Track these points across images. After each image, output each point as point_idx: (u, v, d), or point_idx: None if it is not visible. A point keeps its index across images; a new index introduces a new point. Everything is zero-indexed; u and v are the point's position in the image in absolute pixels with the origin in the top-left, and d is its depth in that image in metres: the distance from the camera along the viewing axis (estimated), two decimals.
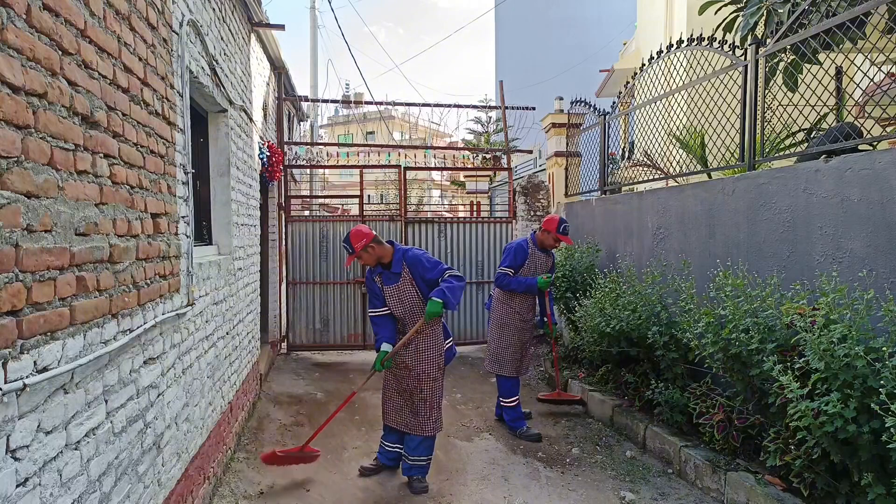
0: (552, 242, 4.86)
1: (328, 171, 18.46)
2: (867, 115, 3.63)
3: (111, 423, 2.12)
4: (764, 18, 4.51)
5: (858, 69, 3.57)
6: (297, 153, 10.22)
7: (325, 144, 12.57)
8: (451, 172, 19.14)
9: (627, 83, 6.13)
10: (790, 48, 3.91)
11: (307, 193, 11.51)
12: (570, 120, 7.61)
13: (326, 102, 9.72)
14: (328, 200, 16.62)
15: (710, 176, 5.12)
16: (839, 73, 4.16)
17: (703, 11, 5.20)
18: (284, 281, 7.59)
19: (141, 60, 2.45)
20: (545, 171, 8.67)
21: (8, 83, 1.48)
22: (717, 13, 5.19)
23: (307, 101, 9.10)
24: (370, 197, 23.78)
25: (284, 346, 7.66)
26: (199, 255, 3.66)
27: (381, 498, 3.73)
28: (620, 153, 6.57)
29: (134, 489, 2.32)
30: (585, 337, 5.24)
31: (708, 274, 4.14)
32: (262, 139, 6.09)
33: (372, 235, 3.68)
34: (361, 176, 7.94)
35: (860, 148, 3.32)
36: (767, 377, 3.17)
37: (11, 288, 1.49)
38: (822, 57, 3.74)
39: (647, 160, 5.79)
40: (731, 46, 4.38)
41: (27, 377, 1.53)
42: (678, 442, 3.98)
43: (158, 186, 2.66)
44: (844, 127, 3.41)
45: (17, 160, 1.52)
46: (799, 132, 4.42)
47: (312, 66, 14.87)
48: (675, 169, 5.45)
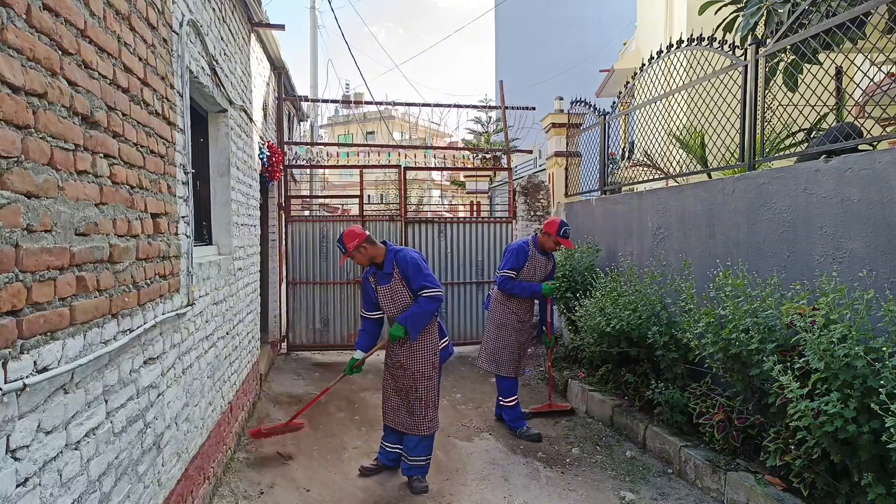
0: (552, 245, 4.85)
1: (328, 171, 18.46)
2: (867, 115, 3.63)
3: (111, 423, 2.12)
4: (764, 18, 4.52)
5: (858, 69, 3.57)
6: (297, 153, 10.22)
7: (325, 144, 12.56)
8: (451, 172, 19.15)
9: (627, 83, 6.13)
10: (790, 48, 3.91)
11: (307, 193, 11.51)
12: (570, 120, 7.61)
13: (326, 102, 9.73)
14: (328, 200, 16.62)
15: (710, 176, 5.12)
16: (839, 73, 4.16)
17: (703, 11, 5.21)
18: (284, 281, 7.60)
19: (141, 60, 2.45)
20: (545, 171, 8.66)
21: (8, 83, 1.48)
22: (717, 13, 5.19)
23: (307, 101, 9.10)
24: (370, 197, 23.78)
25: (284, 346, 7.66)
26: (199, 255, 3.66)
27: (381, 498, 3.73)
28: (620, 153, 6.57)
29: (134, 489, 2.32)
30: (585, 337, 5.24)
31: (708, 274, 4.14)
32: (262, 139, 6.09)
33: (364, 236, 3.74)
34: (361, 176, 7.94)
35: (860, 148, 3.32)
36: (767, 377, 3.17)
37: (11, 288, 1.49)
38: (822, 57, 3.74)
39: (647, 160, 5.78)
40: (731, 46, 4.38)
41: (27, 377, 1.53)
42: (678, 442, 3.98)
43: (158, 186, 2.66)
44: (844, 127, 3.41)
45: (17, 160, 1.52)
46: (799, 132, 4.42)
47: (312, 66, 14.87)
48: (675, 169, 5.45)
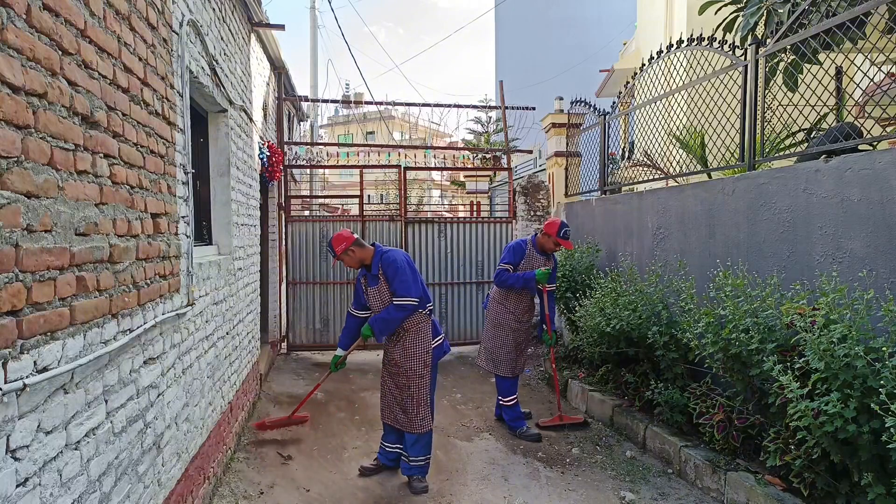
0: (552, 246, 4.85)
1: (328, 171, 18.46)
2: (867, 115, 3.63)
3: (111, 423, 2.12)
4: (764, 18, 4.51)
5: (858, 69, 3.57)
6: (297, 153, 10.22)
7: (325, 144, 12.55)
8: (451, 172, 19.15)
9: (627, 83, 6.13)
10: (790, 48, 3.91)
11: (307, 193, 11.51)
12: (570, 120, 7.61)
13: (326, 102, 9.73)
14: (328, 200, 16.63)
15: (710, 176, 5.12)
16: (839, 73, 4.16)
17: (703, 11, 5.20)
18: (284, 281, 7.60)
19: (141, 60, 2.45)
20: (545, 171, 8.66)
21: (8, 83, 1.48)
22: (717, 13, 5.19)
23: (307, 101, 9.10)
24: (370, 197, 23.77)
25: (284, 346, 7.66)
26: (199, 255, 3.66)
27: (381, 498, 3.73)
28: (620, 153, 6.57)
29: (134, 489, 2.32)
30: (585, 337, 5.24)
31: (708, 274, 4.14)
32: (262, 139, 6.09)
33: (352, 239, 3.81)
34: (361, 176, 7.94)
35: (860, 148, 3.32)
36: (767, 377, 3.17)
37: (11, 288, 1.49)
38: (822, 57, 3.74)
39: (647, 160, 5.78)
40: (731, 46, 4.38)
41: (27, 377, 1.53)
42: (678, 442, 3.98)
43: (158, 186, 2.66)
44: (844, 127, 3.41)
45: (17, 160, 1.52)
46: (799, 132, 4.42)
47: (312, 66, 14.87)
48: (675, 169, 5.45)
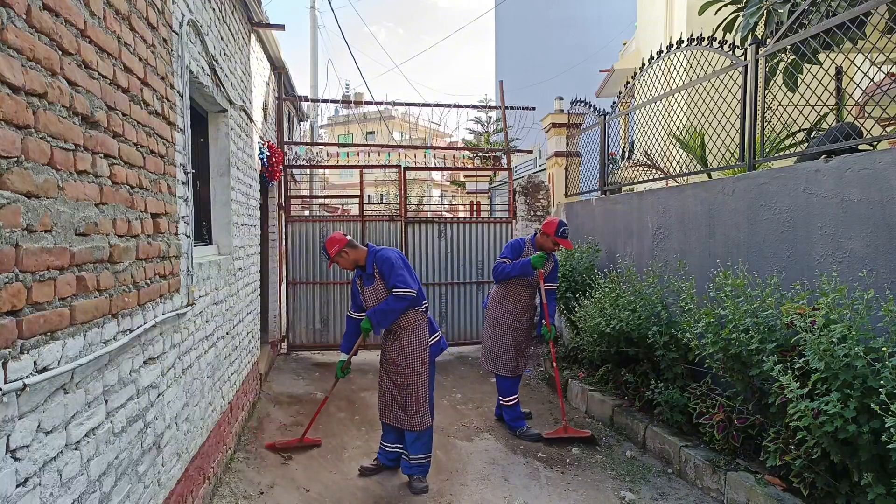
0: (551, 246, 4.84)
1: (328, 171, 18.47)
2: (867, 115, 3.63)
3: (111, 423, 2.12)
4: (764, 18, 4.51)
5: (858, 69, 3.57)
6: (297, 153, 10.22)
7: (325, 144, 12.56)
8: (451, 172, 19.15)
9: (627, 83, 6.13)
10: (790, 48, 3.91)
11: (307, 193, 11.51)
12: (570, 120, 7.61)
13: (326, 102, 9.72)
14: (328, 200, 16.62)
15: (710, 176, 5.12)
16: (839, 73, 4.16)
17: (703, 11, 5.20)
18: (284, 281, 7.60)
19: (141, 60, 2.45)
20: (545, 171, 8.66)
21: (8, 83, 1.48)
22: (717, 13, 5.19)
23: (307, 101, 9.10)
24: (370, 197, 23.77)
25: (284, 346, 7.65)
26: (199, 255, 3.66)
27: (381, 498, 3.73)
28: (620, 153, 6.57)
29: (134, 489, 2.32)
30: (585, 337, 5.24)
31: (708, 274, 4.14)
32: (262, 139, 6.09)
33: (345, 241, 3.86)
34: (361, 176, 7.94)
35: (860, 148, 3.32)
36: (767, 377, 3.17)
37: (11, 288, 1.49)
38: (822, 57, 3.74)
39: (647, 160, 5.78)
40: (731, 46, 4.38)
41: (27, 377, 1.53)
42: (678, 442, 3.98)
43: (158, 186, 2.66)
44: (844, 127, 3.41)
45: (17, 160, 1.52)
46: (799, 132, 4.42)
47: (312, 66, 14.87)
48: (675, 169, 5.45)
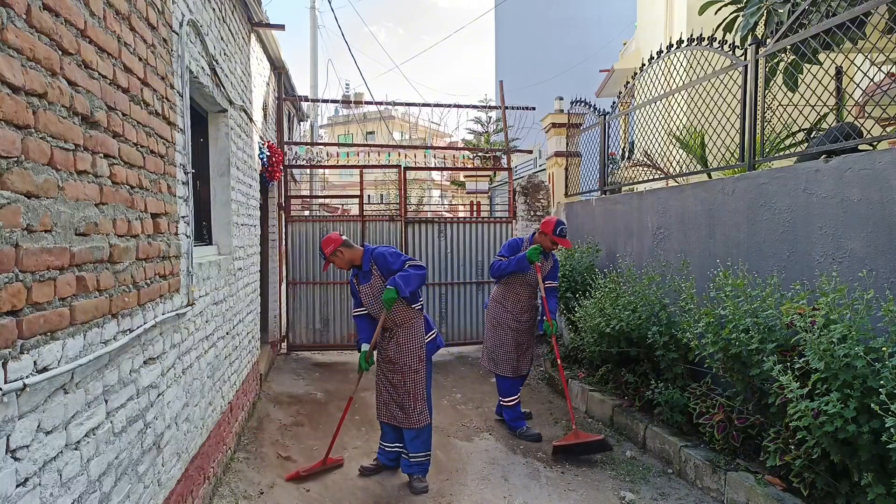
0: (549, 244, 4.84)
1: (328, 171, 18.46)
2: (867, 115, 3.63)
3: (111, 423, 2.12)
4: (764, 18, 4.51)
5: (858, 69, 3.57)
6: (297, 153, 10.22)
7: (325, 144, 12.54)
8: (451, 172, 19.15)
9: (627, 83, 6.13)
10: (790, 48, 3.91)
11: (307, 193, 11.51)
12: (570, 120, 7.61)
13: (326, 102, 9.72)
14: (328, 200, 16.63)
15: (710, 176, 5.12)
16: (839, 73, 4.16)
17: (703, 11, 5.21)
18: (284, 281, 7.60)
19: (141, 60, 2.45)
20: (545, 171, 8.66)
21: (8, 83, 1.48)
22: (717, 13, 5.19)
23: (307, 101, 9.09)
24: (370, 197, 23.78)
25: (284, 346, 7.65)
26: (199, 255, 3.66)
27: (381, 498, 3.73)
28: (620, 153, 6.57)
29: (134, 489, 2.32)
30: (585, 337, 5.24)
31: (708, 274, 4.14)
32: (262, 139, 6.09)
33: (340, 241, 3.88)
34: (361, 176, 7.94)
35: (860, 148, 3.32)
36: (767, 377, 3.17)
37: (11, 288, 1.49)
38: (822, 57, 3.74)
39: (647, 160, 5.78)
40: (731, 46, 4.38)
41: (27, 377, 1.53)
42: (678, 442, 3.98)
43: (158, 186, 2.66)
44: (844, 127, 3.41)
45: (17, 160, 1.52)
46: (799, 132, 4.43)
47: (312, 66, 14.87)
48: (675, 169, 5.45)
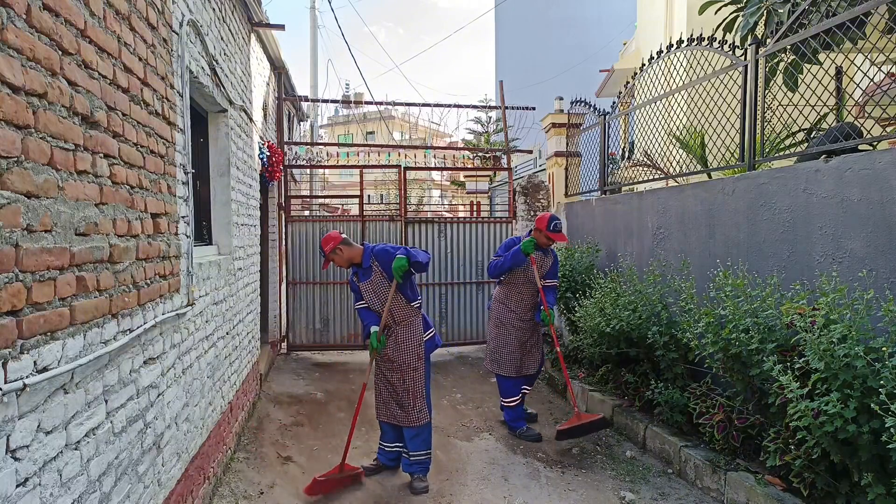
0: (545, 241, 4.83)
1: (328, 171, 18.46)
2: (867, 115, 3.63)
3: (111, 423, 2.12)
4: (764, 18, 4.51)
5: (858, 69, 3.57)
6: (297, 153, 10.21)
7: (325, 144, 12.54)
8: (451, 172, 19.15)
9: (627, 83, 6.13)
10: (790, 48, 3.91)
11: (307, 193, 11.51)
12: (570, 120, 7.60)
13: (326, 102, 9.72)
14: (328, 200, 16.63)
15: (710, 176, 5.11)
16: (839, 73, 4.16)
17: (703, 11, 5.21)
18: (284, 281, 7.60)
19: (141, 60, 2.45)
20: (545, 171, 8.66)
21: (8, 83, 1.48)
22: (717, 13, 5.19)
23: (307, 101, 9.09)
24: (370, 197, 23.78)
25: (284, 346, 7.65)
26: (199, 255, 3.66)
27: (381, 498, 3.73)
28: (620, 153, 6.57)
29: (134, 489, 2.32)
30: (585, 337, 5.24)
31: (708, 274, 4.14)
32: (262, 139, 6.09)
33: (340, 239, 3.92)
34: (361, 176, 7.94)
35: (860, 148, 3.32)
36: (767, 377, 3.17)
37: (11, 288, 1.49)
38: (822, 57, 3.74)
39: (647, 160, 5.78)
40: (731, 46, 4.38)
41: (27, 377, 1.53)
42: (678, 442, 3.98)
43: (158, 186, 2.66)
44: (844, 127, 3.41)
45: (17, 160, 1.52)
46: (799, 132, 4.42)
47: (312, 66, 14.87)
48: (675, 169, 5.45)
